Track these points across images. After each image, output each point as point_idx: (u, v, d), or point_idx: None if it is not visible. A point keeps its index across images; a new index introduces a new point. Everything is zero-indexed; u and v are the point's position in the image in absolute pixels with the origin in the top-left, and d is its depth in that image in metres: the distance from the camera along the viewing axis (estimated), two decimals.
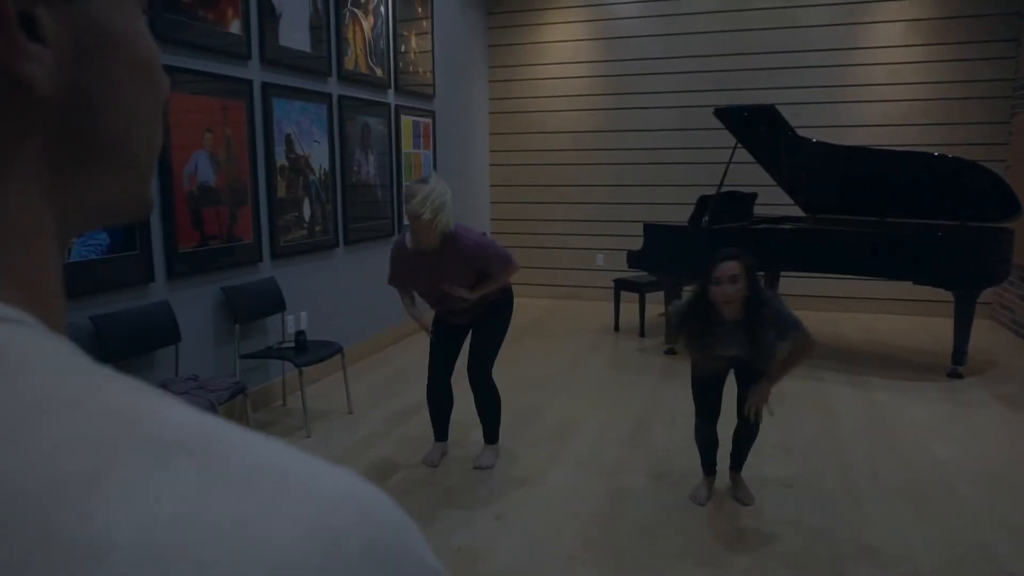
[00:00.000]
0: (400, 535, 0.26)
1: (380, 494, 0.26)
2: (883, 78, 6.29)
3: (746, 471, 3.08)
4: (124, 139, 0.33)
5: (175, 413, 0.25)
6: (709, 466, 3.05)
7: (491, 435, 3.37)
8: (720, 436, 3.01)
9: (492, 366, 3.28)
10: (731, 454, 3.03)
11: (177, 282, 3.44)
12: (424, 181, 2.91)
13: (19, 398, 0.23)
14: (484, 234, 3.12)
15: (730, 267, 2.58)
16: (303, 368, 3.66)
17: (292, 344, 3.85)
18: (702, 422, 2.99)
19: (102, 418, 0.24)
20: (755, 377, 2.81)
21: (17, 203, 0.29)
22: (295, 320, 4.30)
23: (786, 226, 5.21)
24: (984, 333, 5.64)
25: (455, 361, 3.32)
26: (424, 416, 3.91)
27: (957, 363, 4.61)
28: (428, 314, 3.36)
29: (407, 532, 0.26)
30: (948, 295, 4.65)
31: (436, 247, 2.99)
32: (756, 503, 2.95)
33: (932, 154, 4.82)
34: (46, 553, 0.20)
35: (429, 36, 5.93)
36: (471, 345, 3.26)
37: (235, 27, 3.75)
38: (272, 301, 4.04)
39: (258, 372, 4.06)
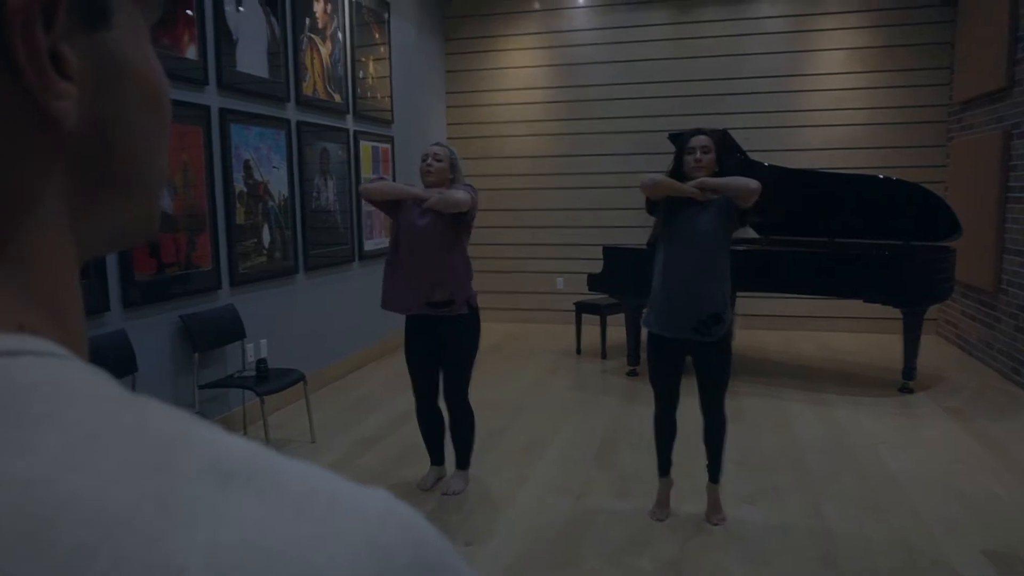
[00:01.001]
0: (440, 551, 0.27)
1: (417, 512, 0.28)
2: (827, 104, 6.53)
3: (705, 488, 3.11)
4: (139, 167, 0.34)
5: (224, 441, 0.26)
6: (665, 464, 3.05)
7: (463, 460, 3.35)
8: (690, 449, 3.04)
9: (468, 386, 3.26)
10: (707, 465, 3.01)
11: (133, 311, 3.36)
12: (446, 144, 3.25)
13: (74, 430, 0.24)
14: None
15: (702, 139, 2.83)
16: (264, 397, 3.59)
17: (253, 372, 3.78)
18: (661, 409, 2.98)
19: (158, 446, 0.25)
20: (713, 362, 2.84)
21: (43, 233, 0.30)
22: (255, 348, 4.23)
23: (740, 247, 5.34)
24: (931, 348, 5.84)
25: (437, 381, 3.29)
26: (389, 443, 3.87)
27: (907, 378, 4.77)
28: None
29: (446, 548, 0.27)
30: (898, 312, 4.82)
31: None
32: (731, 519, 2.99)
33: (878, 177, 5.02)
34: None
35: (387, 62, 5.96)
36: (444, 368, 3.24)
37: (191, 52, 3.72)
38: (232, 329, 3.96)
39: (218, 402, 3.97)
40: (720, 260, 2.81)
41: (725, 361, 2.88)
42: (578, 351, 5.96)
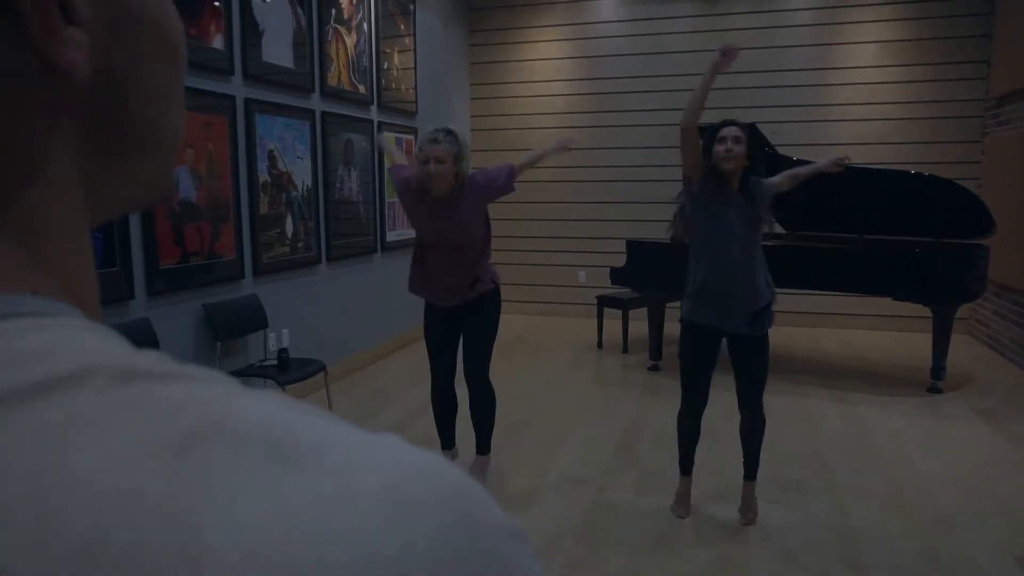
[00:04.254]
0: (470, 492, 0.25)
1: (436, 455, 0.25)
2: (859, 98, 6.40)
3: (728, 486, 3.07)
4: (153, 122, 0.32)
5: (237, 402, 0.24)
6: (687, 463, 2.99)
7: (484, 445, 3.29)
8: (725, 442, 2.99)
9: (489, 365, 3.21)
10: (743, 461, 2.93)
11: (157, 299, 3.39)
12: (448, 130, 2.96)
13: (78, 405, 0.22)
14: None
15: (733, 129, 2.80)
16: (286, 386, 3.61)
17: (274, 362, 3.80)
18: (687, 408, 2.90)
19: (165, 415, 0.23)
20: (755, 357, 2.77)
21: (52, 195, 0.28)
22: (277, 337, 4.25)
23: (767, 243, 5.25)
24: (961, 348, 5.72)
25: (455, 363, 3.24)
26: (408, 434, 3.87)
27: (936, 378, 4.67)
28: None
29: (474, 489, 0.25)
30: (926, 311, 4.72)
31: (448, 194, 2.96)
32: (748, 519, 2.95)
33: (909, 172, 4.90)
34: (138, 560, 0.19)
35: (411, 53, 5.95)
36: (464, 347, 3.19)
37: (218, 43, 3.73)
38: (254, 318, 3.99)
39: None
40: (760, 251, 2.78)
41: (766, 355, 2.82)
42: (599, 345, 5.92)
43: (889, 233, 5.17)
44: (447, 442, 3.38)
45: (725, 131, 2.77)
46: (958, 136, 6.22)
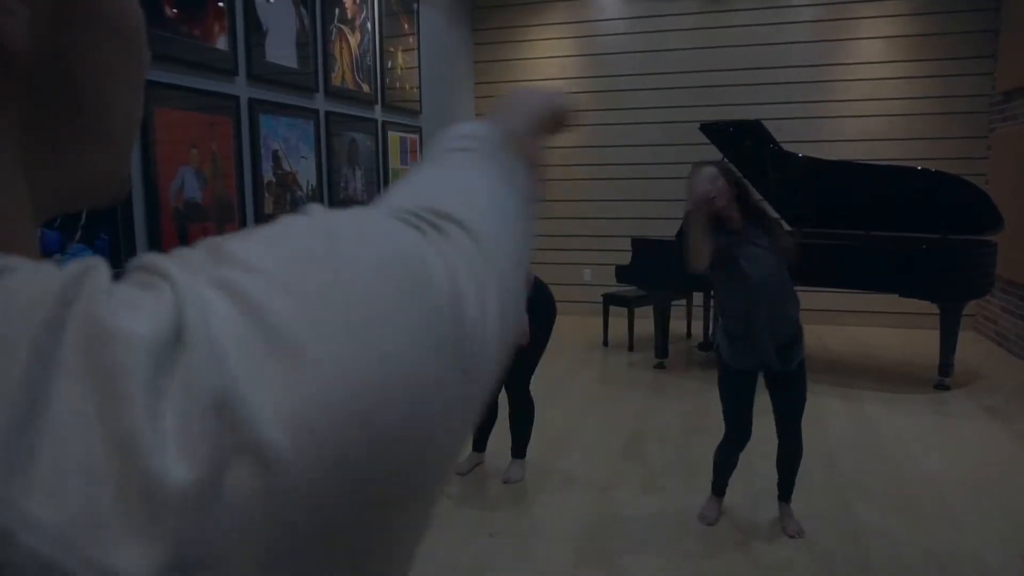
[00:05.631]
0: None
1: None
2: (864, 94, 6.37)
3: (739, 484, 3.06)
4: (102, 108, 0.30)
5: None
6: (720, 488, 2.95)
7: (520, 449, 3.36)
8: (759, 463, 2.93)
9: (531, 376, 3.28)
10: (778, 483, 2.90)
11: None
12: None
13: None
14: None
15: (708, 170, 2.67)
16: None
17: None
18: (730, 445, 2.87)
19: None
20: (793, 388, 2.75)
21: None
22: None
23: None
24: (968, 345, 5.69)
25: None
26: None
27: (943, 375, 4.65)
28: None
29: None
30: (933, 307, 4.70)
31: None
32: (750, 515, 2.94)
33: (916, 168, 4.88)
34: None
35: (415, 52, 5.95)
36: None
37: (222, 43, 3.73)
38: None
39: None
40: (789, 287, 2.72)
41: (804, 385, 2.78)
42: (605, 343, 5.92)
43: (896, 230, 5.14)
44: (478, 446, 3.43)
45: (699, 176, 2.69)
46: (964, 132, 6.19)
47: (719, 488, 2.96)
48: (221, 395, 0.20)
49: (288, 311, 0.22)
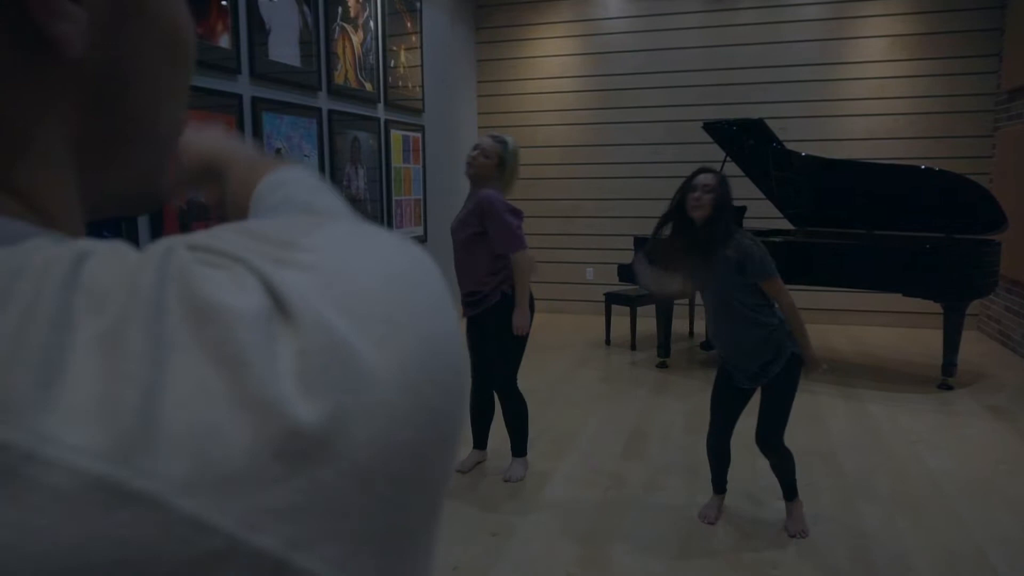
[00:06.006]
0: None
1: None
2: (868, 93, 6.36)
3: (740, 483, 3.06)
4: (151, 115, 0.31)
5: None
6: (719, 484, 2.95)
7: (519, 448, 3.36)
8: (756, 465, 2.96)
9: (514, 373, 3.27)
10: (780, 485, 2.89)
11: None
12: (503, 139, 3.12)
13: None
14: (517, 212, 3.09)
15: (704, 178, 2.71)
16: None
17: None
18: (713, 435, 2.90)
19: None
20: (766, 395, 2.72)
21: (43, 178, 0.27)
22: None
23: (775, 239, 5.23)
24: (971, 344, 5.68)
25: (485, 368, 3.31)
26: None
27: (947, 375, 4.64)
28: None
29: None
30: (937, 307, 4.68)
31: (473, 191, 3.12)
32: (752, 515, 2.93)
33: (919, 167, 4.87)
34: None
35: (418, 51, 5.94)
36: (488, 357, 3.26)
37: (224, 41, 3.74)
38: None
39: None
40: (751, 310, 2.65)
41: (782, 401, 2.70)
42: (607, 342, 5.91)
43: (899, 229, 5.13)
44: (477, 443, 3.45)
45: (698, 179, 2.71)
46: (969, 131, 6.17)
47: (718, 484, 2.95)
48: (337, 354, 0.22)
49: (364, 284, 0.24)
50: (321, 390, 0.21)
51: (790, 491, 2.84)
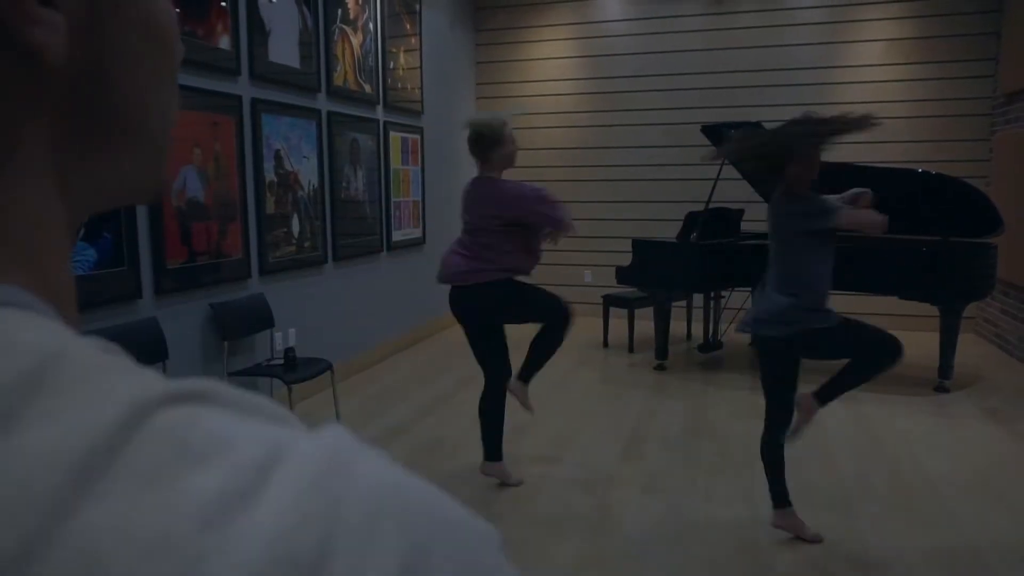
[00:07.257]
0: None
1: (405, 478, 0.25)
2: (866, 96, 6.38)
3: (741, 484, 3.07)
4: (139, 113, 0.31)
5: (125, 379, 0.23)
6: (782, 495, 2.71)
7: (529, 373, 3.48)
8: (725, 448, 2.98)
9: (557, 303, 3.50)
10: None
11: (165, 298, 3.40)
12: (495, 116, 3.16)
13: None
14: (537, 192, 3.27)
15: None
16: (292, 385, 3.62)
17: (281, 361, 3.81)
18: (774, 432, 2.71)
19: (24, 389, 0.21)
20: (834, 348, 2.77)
21: (23, 185, 0.27)
22: (284, 337, 4.26)
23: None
24: (968, 347, 5.69)
25: (501, 364, 3.35)
26: (416, 433, 3.88)
27: (944, 377, 4.65)
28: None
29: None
30: (933, 310, 4.70)
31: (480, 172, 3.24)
32: (753, 515, 2.94)
33: (916, 170, 4.88)
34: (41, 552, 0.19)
35: (417, 53, 5.95)
36: (523, 320, 3.52)
37: (224, 43, 3.74)
38: (261, 318, 4.00)
39: (246, 389, 4.01)
40: (801, 265, 2.84)
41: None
42: (605, 344, 5.92)
43: (896, 232, 5.13)
44: (492, 454, 3.28)
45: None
46: (966, 134, 6.19)
47: (781, 496, 2.71)
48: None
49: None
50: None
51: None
